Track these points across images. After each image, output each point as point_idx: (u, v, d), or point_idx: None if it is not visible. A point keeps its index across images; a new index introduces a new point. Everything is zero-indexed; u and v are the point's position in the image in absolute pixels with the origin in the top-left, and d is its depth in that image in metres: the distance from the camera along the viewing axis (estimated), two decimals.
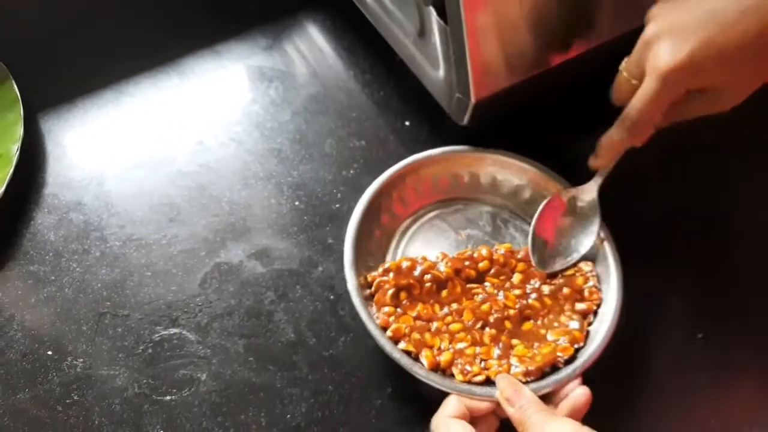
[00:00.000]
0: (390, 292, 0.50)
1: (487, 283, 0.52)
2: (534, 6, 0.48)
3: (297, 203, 0.58)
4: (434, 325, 0.50)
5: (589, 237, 0.52)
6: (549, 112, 0.61)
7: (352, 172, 0.60)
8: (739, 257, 0.56)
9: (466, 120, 0.53)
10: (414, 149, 0.61)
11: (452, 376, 0.47)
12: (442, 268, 0.51)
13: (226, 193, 0.59)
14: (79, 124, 0.63)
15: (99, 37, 0.68)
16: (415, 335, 0.48)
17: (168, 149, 0.61)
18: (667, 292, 0.54)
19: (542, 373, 0.46)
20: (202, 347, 0.52)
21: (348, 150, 0.61)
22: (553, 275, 0.52)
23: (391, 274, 0.51)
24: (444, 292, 0.51)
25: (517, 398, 0.43)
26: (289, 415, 0.49)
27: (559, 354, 0.47)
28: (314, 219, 0.58)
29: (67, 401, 0.50)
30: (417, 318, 0.50)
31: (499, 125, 0.57)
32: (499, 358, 0.48)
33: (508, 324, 0.49)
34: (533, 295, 0.50)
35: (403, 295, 0.50)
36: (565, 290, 0.50)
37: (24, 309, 0.54)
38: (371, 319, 0.48)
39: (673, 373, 0.51)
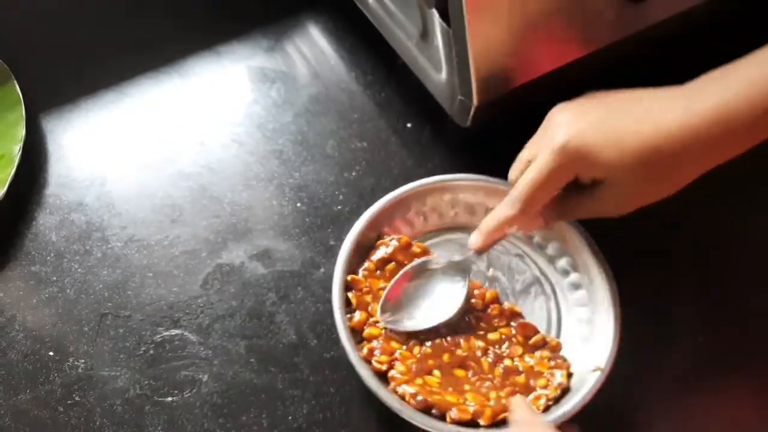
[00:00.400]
0: (380, 255, 0.52)
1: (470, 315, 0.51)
2: (536, 9, 0.48)
3: (299, 204, 0.58)
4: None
5: (451, 303, 0.49)
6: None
7: (354, 173, 0.60)
8: (739, 261, 0.56)
9: (468, 122, 0.53)
10: (415, 151, 0.61)
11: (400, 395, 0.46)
12: None
13: (228, 194, 0.59)
14: (80, 124, 0.63)
15: (100, 38, 0.68)
16: (368, 297, 0.50)
17: (169, 150, 0.62)
18: (667, 295, 0.54)
19: (424, 408, 0.45)
20: (204, 348, 0.52)
21: (350, 151, 0.61)
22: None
23: (396, 244, 0.52)
24: None
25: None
26: (290, 417, 0.49)
27: (453, 410, 0.45)
28: (316, 220, 0.58)
29: (69, 402, 0.50)
30: (383, 289, 0.50)
31: (501, 127, 0.57)
32: (410, 371, 0.47)
33: (446, 357, 0.48)
34: (490, 357, 0.49)
35: (391, 266, 0.51)
36: (518, 379, 0.48)
37: (25, 309, 0.54)
38: (342, 313, 0.49)
39: (672, 377, 0.51)
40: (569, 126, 0.42)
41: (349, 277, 0.50)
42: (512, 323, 0.50)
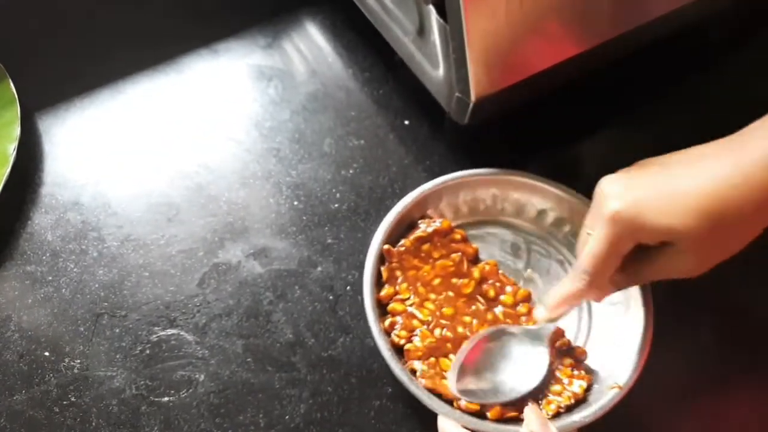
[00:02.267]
0: (419, 233, 0.52)
1: (498, 309, 0.51)
2: (534, 5, 0.48)
3: (296, 203, 0.58)
4: (419, 285, 0.51)
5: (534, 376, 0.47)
6: (550, 110, 0.61)
7: (351, 171, 0.60)
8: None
9: (466, 119, 0.53)
10: (413, 149, 0.61)
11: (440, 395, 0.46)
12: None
13: (225, 192, 0.59)
14: (76, 123, 0.62)
15: (96, 36, 0.67)
16: (398, 272, 0.51)
17: (166, 148, 0.61)
18: (677, 303, 0.53)
19: (431, 390, 0.46)
20: (201, 348, 0.52)
21: (347, 149, 0.61)
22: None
23: (437, 225, 0.52)
24: (455, 279, 0.51)
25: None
26: (287, 416, 0.49)
27: (462, 401, 0.45)
28: (313, 219, 0.57)
29: (64, 402, 0.50)
30: (415, 268, 0.51)
31: (500, 124, 0.57)
32: (426, 349, 0.48)
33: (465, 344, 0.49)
34: None
35: (426, 247, 0.52)
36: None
37: (21, 310, 0.53)
38: (376, 321, 0.48)
39: (680, 384, 0.51)
40: (620, 195, 0.41)
41: (385, 246, 0.51)
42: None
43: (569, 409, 0.46)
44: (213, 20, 0.69)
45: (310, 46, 0.68)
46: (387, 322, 0.49)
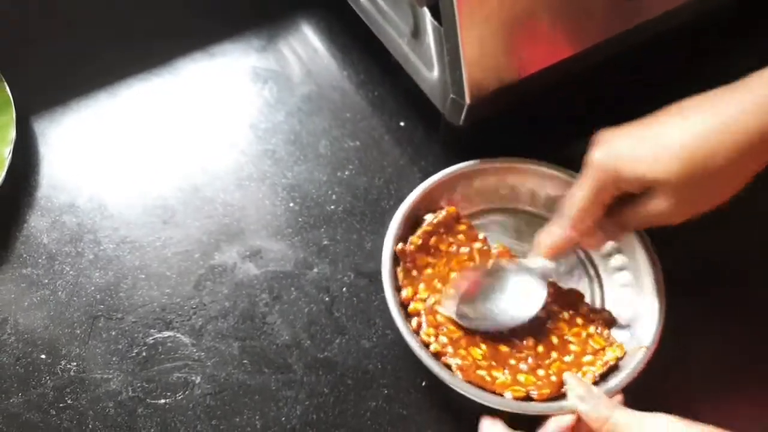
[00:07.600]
0: (425, 226, 0.52)
1: None
2: (528, 5, 0.48)
3: (291, 204, 0.58)
4: (435, 281, 0.51)
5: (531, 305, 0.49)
6: (545, 111, 0.61)
7: (346, 173, 0.60)
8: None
9: (461, 121, 0.53)
10: (409, 150, 0.61)
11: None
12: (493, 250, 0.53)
13: (220, 194, 0.59)
14: (71, 126, 0.62)
15: (91, 39, 0.67)
16: (414, 272, 0.51)
17: (161, 151, 0.61)
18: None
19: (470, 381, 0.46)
20: (197, 350, 0.52)
21: (342, 151, 0.61)
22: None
23: (443, 214, 0.53)
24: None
25: (589, 396, 0.43)
26: (284, 418, 0.49)
27: (507, 393, 0.46)
28: (309, 220, 0.57)
29: (61, 405, 0.50)
30: (429, 265, 0.52)
31: (495, 125, 0.57)
32: (456, 342, 0.48)
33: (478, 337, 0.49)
34: (534, 337, 0.49)
35: (433, 240, 0.53)
36: (565, 357, 0.48)
37: (17, 312, 0.53)
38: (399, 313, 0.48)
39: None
40: (604, 143, 0.44)
41: (397, 247, 0.51)
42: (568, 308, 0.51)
43: (603, 376, 0.47)
44: (208, 22, 0.69)
45: (306, 48, 0.68)
46: (413, 323, 0.49)
